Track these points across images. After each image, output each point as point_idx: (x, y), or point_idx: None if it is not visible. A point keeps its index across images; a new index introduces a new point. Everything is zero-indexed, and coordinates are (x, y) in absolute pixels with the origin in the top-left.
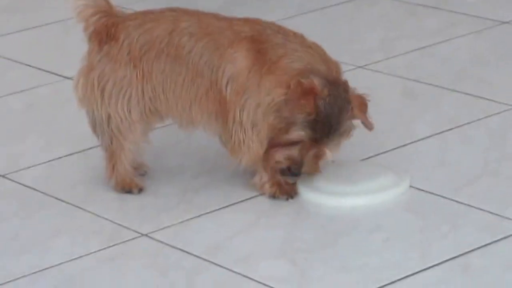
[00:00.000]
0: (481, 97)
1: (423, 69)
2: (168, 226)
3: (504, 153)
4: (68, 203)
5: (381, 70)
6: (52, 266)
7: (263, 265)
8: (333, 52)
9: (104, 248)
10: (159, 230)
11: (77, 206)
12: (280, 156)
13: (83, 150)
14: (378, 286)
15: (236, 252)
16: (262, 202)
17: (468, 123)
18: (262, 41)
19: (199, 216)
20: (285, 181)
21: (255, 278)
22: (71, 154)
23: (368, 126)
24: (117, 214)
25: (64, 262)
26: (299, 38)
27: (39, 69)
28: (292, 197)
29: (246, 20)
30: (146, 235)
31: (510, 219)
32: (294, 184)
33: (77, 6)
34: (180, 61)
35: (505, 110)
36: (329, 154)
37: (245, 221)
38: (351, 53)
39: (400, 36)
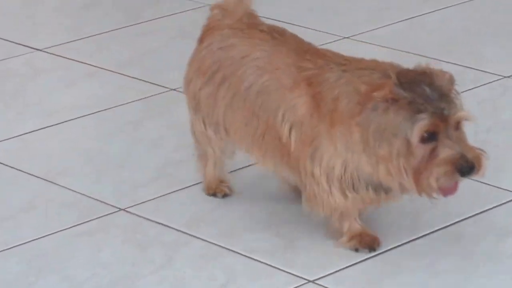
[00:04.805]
0: (470, 68)
1: (411, 40)
2: (147, 200)
3: (493, 123)
4: (40, 178)
5: (368, 40)
6: (25, 242)
7: (247, 238)
8: (321, 23)
9: (80, 224)
10: (137, 204)
11: (50, 181)
12: (434, 171)
13: (57, 124)
14: (369, 255)
15: (218, 225)
16: (246, 175)
17: None
18: (318, 82)
19: (179, 189)
20: (365, 231)
21: (239, 251)
22: (44, 128)
23: None
24: (93, 188)
25: (38, 238)
26: (354, 63)
27: (8, 40)
28: (374, 249)
29: (316, 53)
30: (123, 209)
31: (499, 187)
32: (375, 235)
33: None
34: (239, 95)
35: (494, 80)
36: (466, 114)
37: None
38: (338, 24)
39: (388, 7)
